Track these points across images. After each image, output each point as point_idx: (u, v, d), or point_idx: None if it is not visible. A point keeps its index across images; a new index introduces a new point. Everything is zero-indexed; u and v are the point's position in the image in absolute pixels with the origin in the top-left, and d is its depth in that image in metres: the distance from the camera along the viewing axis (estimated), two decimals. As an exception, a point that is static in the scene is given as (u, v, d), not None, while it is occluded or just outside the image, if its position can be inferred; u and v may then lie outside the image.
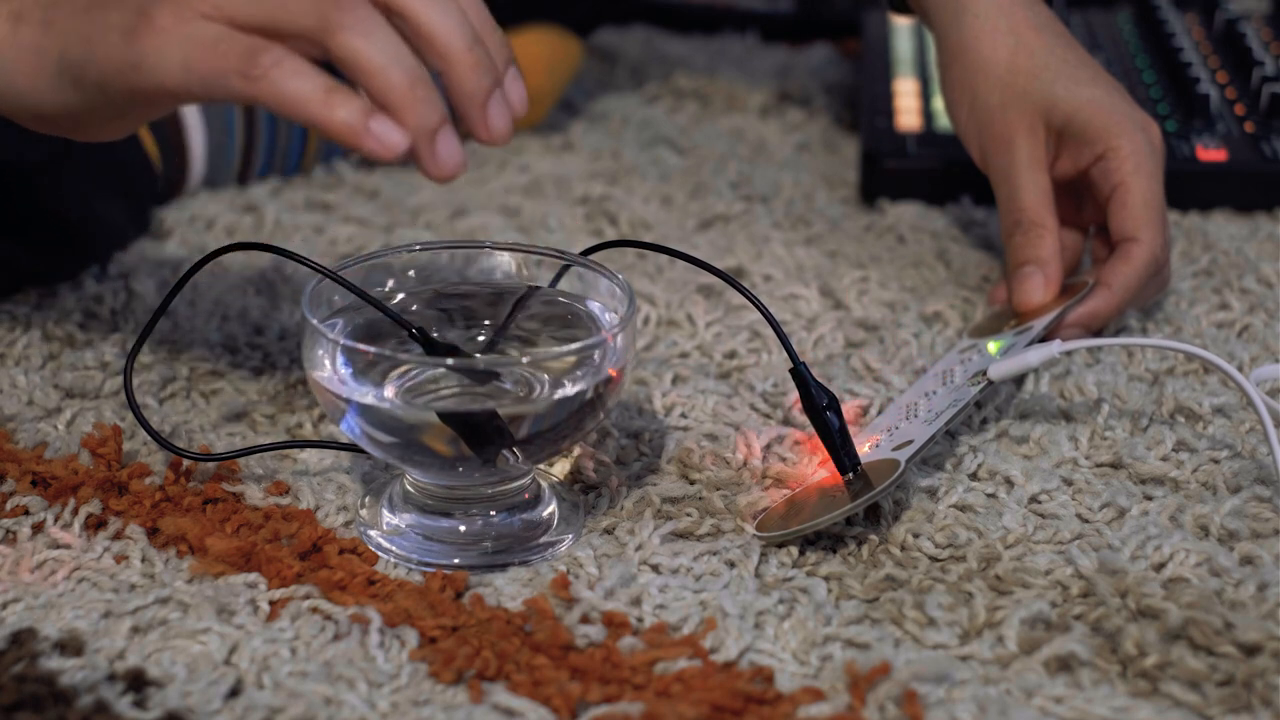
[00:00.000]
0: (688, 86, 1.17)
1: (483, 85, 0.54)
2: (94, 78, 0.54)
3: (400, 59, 0.52)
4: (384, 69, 0.52)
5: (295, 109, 0.52)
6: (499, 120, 0.55)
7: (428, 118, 0.52)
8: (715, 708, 0.53)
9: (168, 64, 0.52)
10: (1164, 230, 0.78)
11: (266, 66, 0.51)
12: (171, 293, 0.65)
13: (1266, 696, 0.53)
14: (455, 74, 0.54)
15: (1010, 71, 0.80)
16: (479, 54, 0.54)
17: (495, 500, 0.61)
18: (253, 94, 0.52)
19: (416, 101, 0.52)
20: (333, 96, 0.52)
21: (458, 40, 0.53)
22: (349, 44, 0.52)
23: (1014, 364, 0.68)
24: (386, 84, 0.52)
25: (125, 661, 0.54)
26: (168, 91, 0.53)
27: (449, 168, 0.53)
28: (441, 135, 0.53)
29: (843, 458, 0.63)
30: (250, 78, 0.52)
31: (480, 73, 0.54)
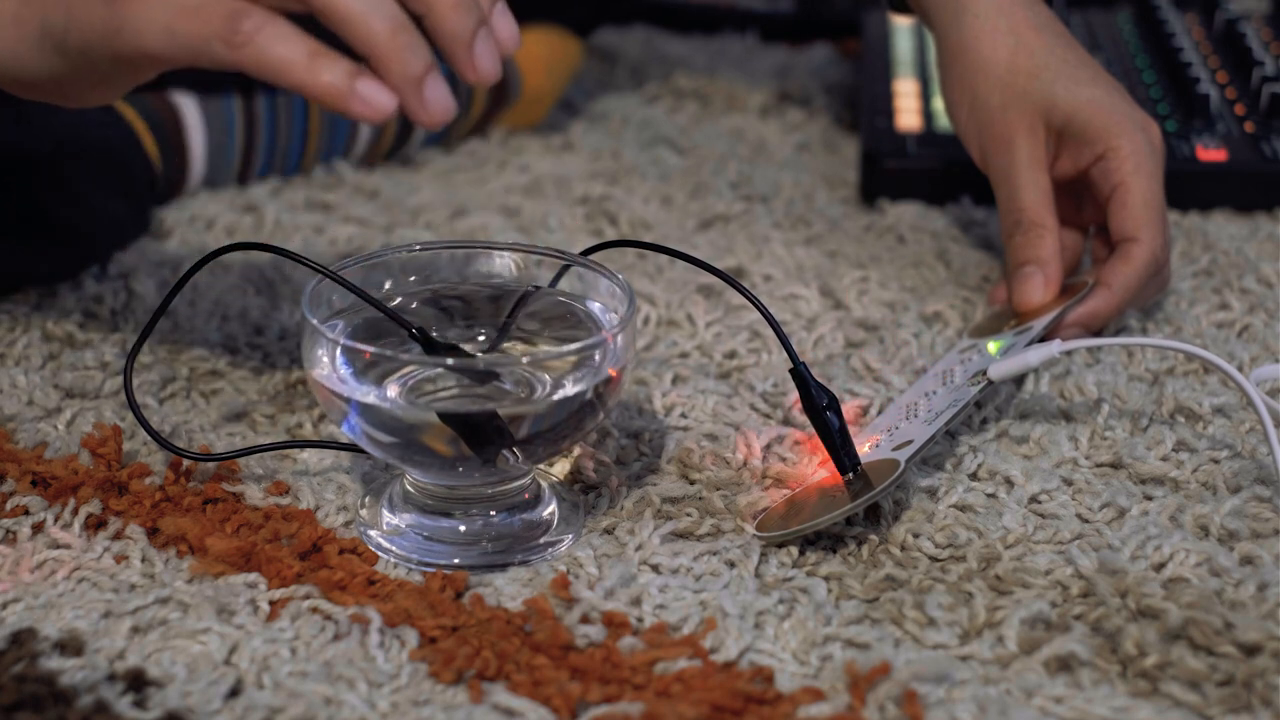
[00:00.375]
0: (688, 86, 1.17)
1: (466, 25, 0.53)
2: (76, 43, 0.54)
3: (380, 6, 0.51)
4: (364, 17, 0.51)
5: (279, 74, 0.51)
6: (486, 60, 0.54)
7: (412, 65, 0.52)
8: (715, 708, 0.53)
9: (150, 28, 0.52)
10: (1164, 230, 0.78)
11: (250, 32, 0.51)
12: (171, 293, 0.65)
13: (1266, 696, 0.53)
14: (435, 16, 0.53)
15: (1010, 71, 0.80)
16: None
17: (495, 500, 0.61)
18: (236, 60, 0.51)
19: (400, 49, 0.51)
20: (317, 61, 0.51)
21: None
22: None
23: (1014, 364, 0.68)
24: (368, 33, 0.51)
25: (125, 661, 0.54)
26: (150, 55, 0.53)
27: (438, 113, 0.52)
28: (429, 82, 0.52)
29: (843, 458, 0.63)
30: (233, 44, 0.51)
31: (461, 12, 0.53)
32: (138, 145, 0.87)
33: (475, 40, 0.53)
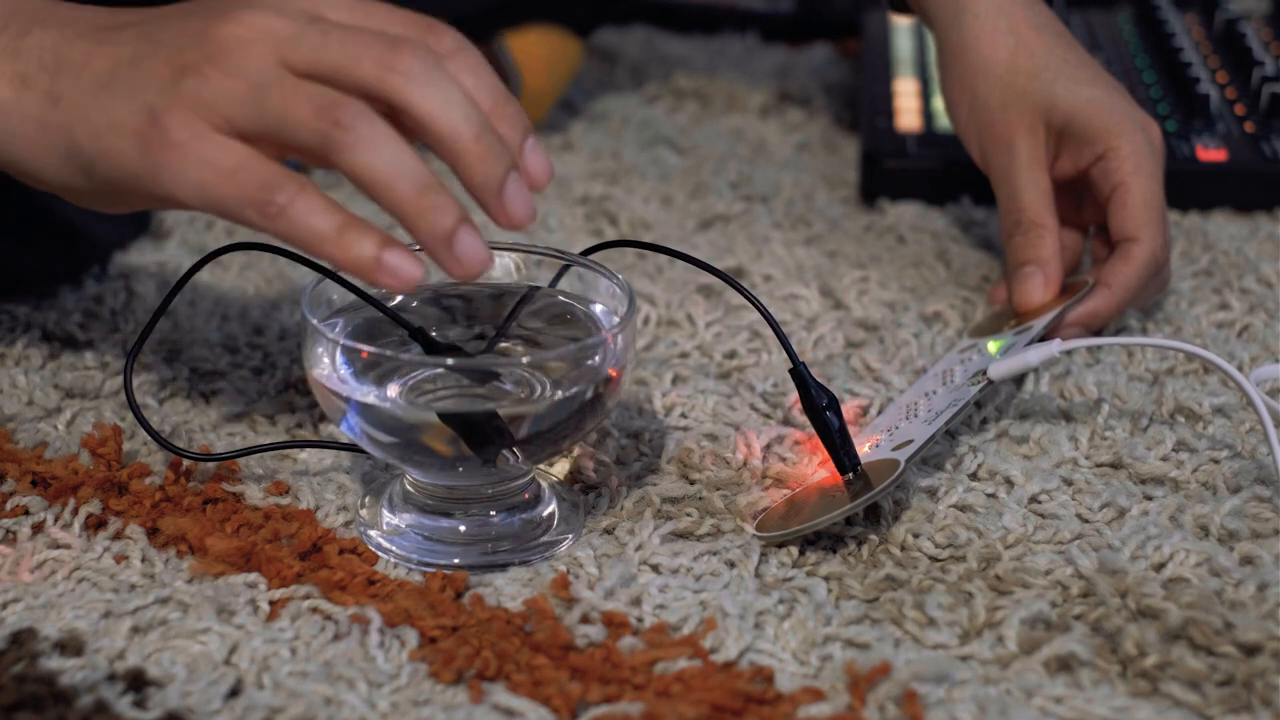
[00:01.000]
0: (688, 86, 1.17)
1: (494, 174, 0.53)
2: (104, 174, 0.54)
3: (405, 168, 0.52)
4: (389, 181, 0.52)
5: (309, 246, 0.52)
6: (517, 206, 0.53)
7: (440, 224, 0.52)
8: (715, 708, 0.53)
9: (184, 183, 0.53)
10: (1164, 230, 0.78)
11: (282, 204, 0.52)
12: (171, 293, 0.65)
13: (1266, 696, 0.53)
14: (464, 167, 0.53)
15: (1010, 71, 0.80)
16: (487, 142, 0.53)
17: (495, 500, 0.61)
18: (268, 228, 0.52)
19: (426, 209, 0.52)
20: (346, 233, 0.52)
21: (464, 132, 0.52)
22: (351, 161, 0.52)
23: (1014, 364, 0.68)
24: (393, 196, 0.52)
25: (125, 661, 0.54)
26: (182, 205, 0.54)
27: (472, 266, 0.53)
28: (459, 236, 0.52)
29: (842, 458, 0.63)
30: (266, 214, 0.52)
31: (490, 162, 0.53)
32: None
33: (505, 186, 0.53)
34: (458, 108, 0.53)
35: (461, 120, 0.53)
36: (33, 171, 0.57)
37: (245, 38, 0.53)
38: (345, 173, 0.52)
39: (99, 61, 0.55)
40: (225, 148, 0.52)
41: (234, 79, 0.53)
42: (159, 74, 0.54)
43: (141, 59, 0.54)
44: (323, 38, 0.53)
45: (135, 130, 0.53)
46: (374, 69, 0.52)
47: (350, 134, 0.51)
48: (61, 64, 0.56)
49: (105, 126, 0.54)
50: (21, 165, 0.57)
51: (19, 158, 0.57)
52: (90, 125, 0.54)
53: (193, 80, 0.53)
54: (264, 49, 0.53)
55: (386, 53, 0.52)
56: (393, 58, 0.52)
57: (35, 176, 0.57)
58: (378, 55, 0.52)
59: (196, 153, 0.52)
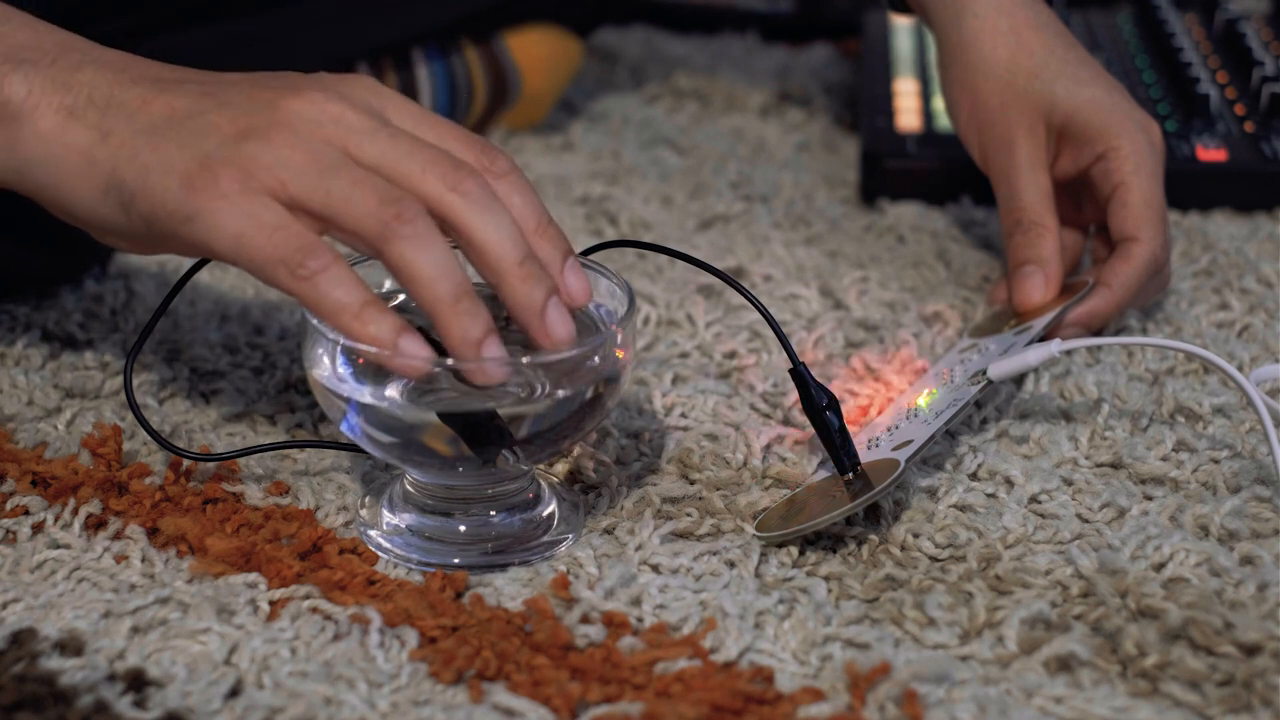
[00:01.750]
0: (688, 86, 1.17)
1: (536, 298, 0.55)
2: (142, 211, 0.55)
3: (449, 272, 0.54)
4: (432, 282, 0.53)
5: (330, 316, 0.54)
6: (559, 328, 0.56)
7: (471, 330, 0.54)
8: (715, 708, 0.53)
9: (221, 233, 0.54)
10: (1164, 230, 0.78)
11: (313, 270, 0.53)
12: (171, 293, 0.65)
13: (1266, 696, 0.53)
14: (507, 288, 0.55)
15: (1011, 71, 0.80)
16: (530, 267, 0.55)
17: (495, 500, 0.61)
18: (294, 290, 0.54)
19: (461, 314, 0.54)
20: (367, 311, 0.54)
21: (509, 255, 0.55)
22: (402, 254, 0.53)
23: (1013, 363, 0.68)
24: (433, 296, 0.53)
25: (125, 661, 0.54)
26: (211, 252, 0.55)
27: (493, 377, 0.55)
28: (486, 345, 0.54)
29: (842, 458, 0.63)
30: (296, 276, 0.53)
31: (532, 285, 0.55)
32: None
33: (547, 309, 0.55)
34: (507, 233, 0.55)
35: (509, 246, 0.55)
36: (67, 202, 0.57)
37: (316, 118, 0.55)
38: (393, 264, 0.54)
39: (155, 108, 0.56)
40: (271, 208, 0.54)
41: (298, 151, 0.54)
42: (220, 129, 0.55)
43: (203, 113, 0.56)
44: (391, 140, 0.55)
45: (184, 173, 0.54)
46: (437, 185, 0.55)
47: (409, 228, 0.53)
48: (113, 104, 0.56)
49: (154, 165, 0.55)
50: (57, 195, 0.57)
51: (57, 187, 0.57)
52: (139, 163, 0.55)
53: (255, 143, 0.54)
54: (333, 133, 0.55)
55: (451, 173, 0.55)
56: (456, 178, 0.55)
57: (68, 208, 0.58)
58: (442, 173, 0.55)
59: (242, 205, 0.53)
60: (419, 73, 0.99)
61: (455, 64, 1.00)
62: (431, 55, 0.99)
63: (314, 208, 0.54)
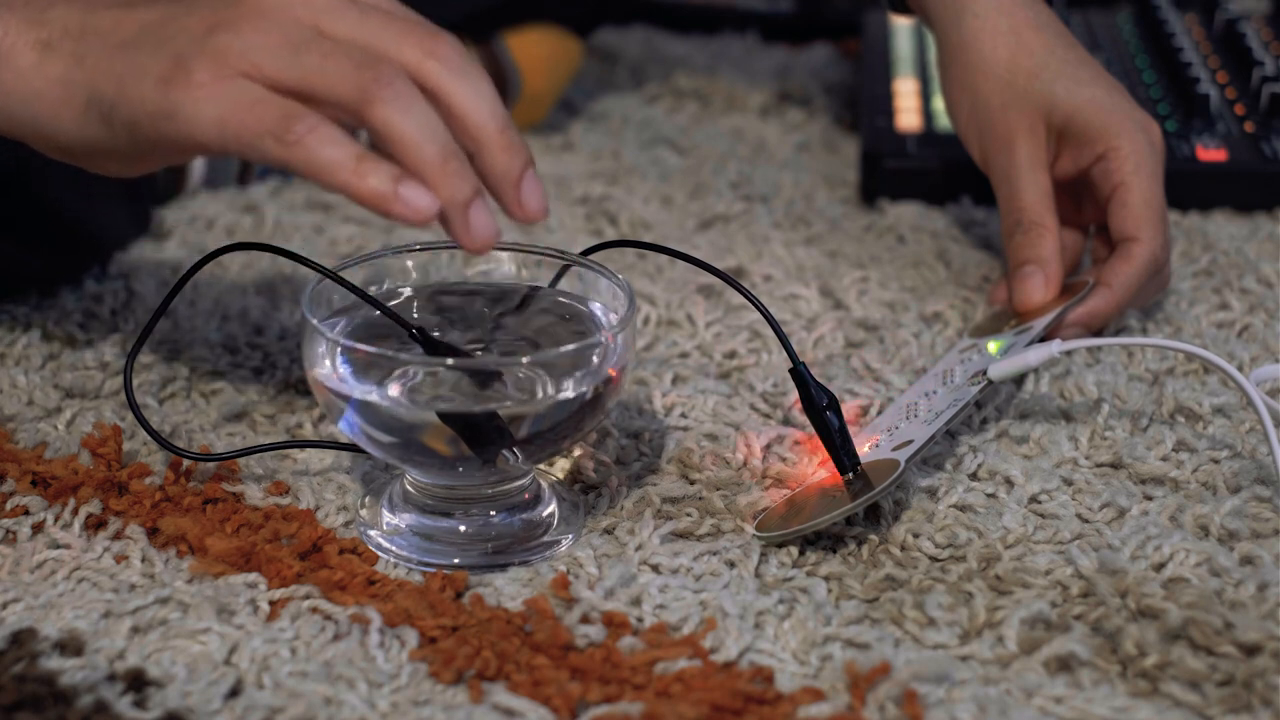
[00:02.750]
0: (688, 86, 1.17)
1: (515, 166, 0.54)
2: (124, 118, 0.55)
3: (434, 133, 0.53)
4: (418, 142, 0.52)
5: (326, 175, 0.53)
6: (533, 199, 0.55)
7: (460, 190, 0.53)
8: (715, 708, 0.53)
9: (202, 119, 0.53)
10: (1164, 230, 0.78)
11: (301, 133, 0.52)
12: (171, 293, 0.65)
13: (1266, 696, 0.53)
14: (488, 154, 0.54)
15: (1011, 71, 0.80)
16: (510, 136, 0.55)
17: (495, 500, 0.61)
18: (285, 158, 0.53)
19: (449, 174, 0.53)
20: (363, 164, 0.52)
21: (491, 122, 0.54)
22: (385, 116, 0.52)
23: (1013, 364, 0.68)
24: (420, 157, 0.53)
25: (125, 661, 0.54)
26: (198, 144, 0.54)
27: (483, 238, 0.54)
28: (474, 207, 0.53)
29: (842, 458, 0.63)
30: (284, 142, 0.52)
31: (513, 154, 0.54)
32: (138, 145, 0.87)
33: (524, 179, 0.55)
34: (487, 101, 0.54)
35: (489, 113, 0.54)
36: (51, 132, 0.57)
37: (283, 3, 0.54)
38: (376, 128, 0.53)
39: (127, 25, 0.56)
40: (248, 87, 0.53)
41: (268, 34, 0.53)
42: (190, 28, 0.54)
43: (173, 19, 0.55)
44: (362, 15, 0.55)
45: (159, 73, 0.54)
46: (415, 52, 0.54)
47: (389, 90, 0.52)
48: (86, 30, 0.56)
49: (129, 73, 0.54)
50: (42, 128, 0.57)
51: (39, 119, 0.57)
52: (114, 74, 0.55)
53: (225, 33, 0.54)
54: (303, 14, 0.54)
55: (427, 39, 0.54)
56: (432, 44, 0.54)
57: (54, 139, 0.57)
58: (418, 40, 0.54)
59: (218, 91, 0.53)
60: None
61: (455, 64, 1.00)
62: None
63: (290, 84, 0.53)
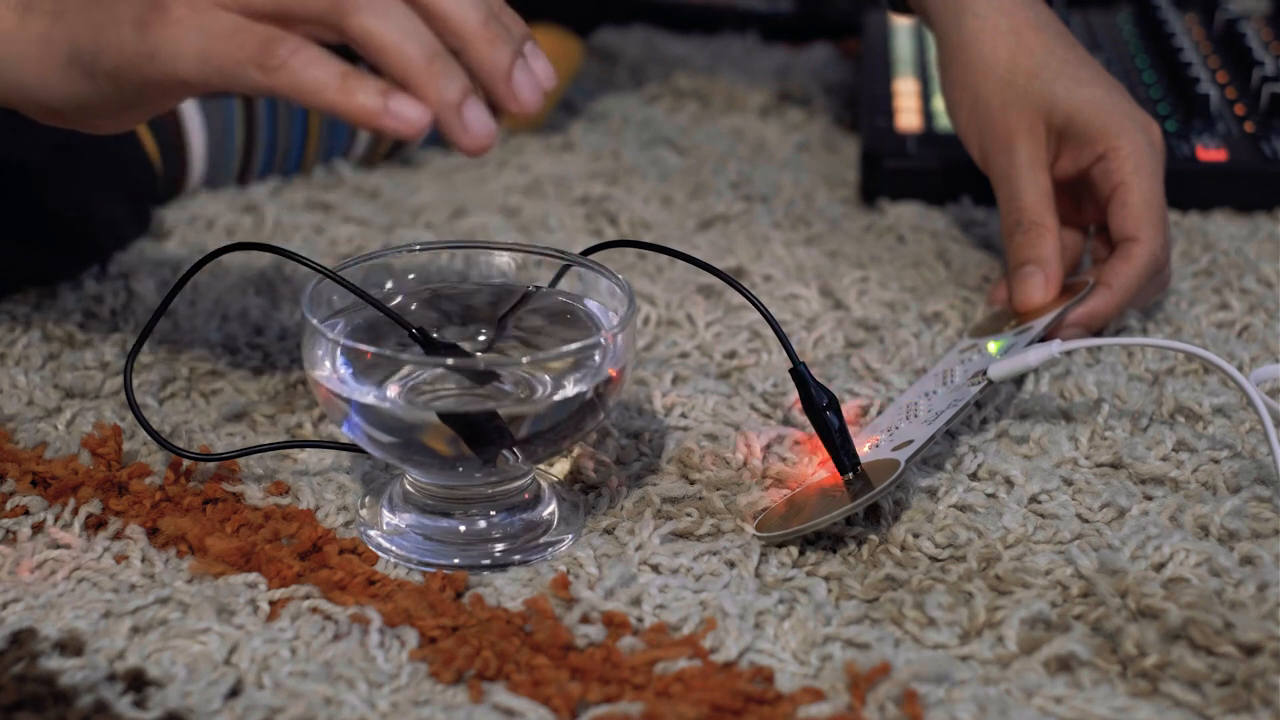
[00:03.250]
0: (688, 86, 1.17)
1: (503, 58, 0.53)
2: (106, 68, 0.54)
3: (416, 34, 0.52)
4: (400, 46, 0.52)
5: (313, 97, 0.52)
6: (526, 90, 0.54)
7: (449, 90, 0.52)
8: (715, 708, 0.53)
9: (183, 54, 0.52)
10: (1164, 230, 0.78)
11: (284, 57, 0.52)
12: (171, 293, 0.65)
13: (1266, 696, 0.53)
14: (473, 50, 0.53)
15: (1011, 71, 0.80)
16: (495, 28, 0.53)
17: (495, 500, 0.61)
18: (270, 84, 0.52)
19: (436, 75, 0.52)
20: (349, 81, 0.52)
21: (472, 16, 0.53)
22: (363, 24, 0.52)
23: (1013, 364, 0.68)
24: (403, 60, 0.52)
25: (125, 661, 0.54)
26: (183, 81, 0.53)
27: (480, 138, 0.53)
28: (468, 106, 0.52)
29: (842, 457, 0.63)
30: (267, 68, 0.52)
31: (499, 46, 0.53)
32: (138, 145, 0.87)
33: (514, 71, 0.54)
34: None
35: (469, 6, 0.53)
36: (39, 94, 0.57)
37: None
38: (354, 37, 0.52)
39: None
40: (224, 18, 0.52)
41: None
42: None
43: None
44: None
45: (135, 17, 0.53)
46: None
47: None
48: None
49: (106, 21, 0.54)
50: (29, 90, 0.57)
51: (27, 83, 0.56)
52: (92, 25, 0.54)
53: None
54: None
55: None
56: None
57: (40, 98, 0.57)
58: None
59: (195, 23, 0.52)
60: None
61: (455, 64, 1.00)
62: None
63: (265, 8, 0.52)
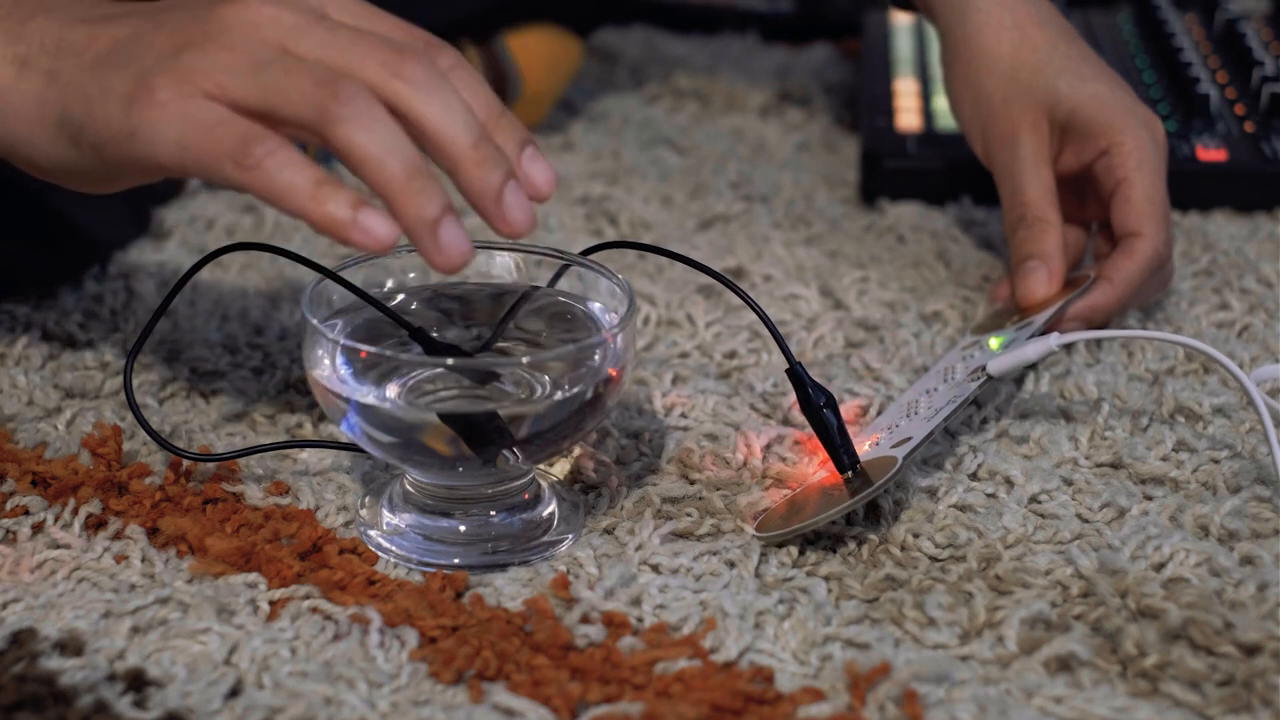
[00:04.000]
0: (688, 86, 1.17)
1: (492, 181, 0.53)
2: (91, 140, 0.54)
3: (398, 150, 0.52)
4: (380, 161, 0.51)
5: (284, 201, 0.52)
6: (516, 213, 0.54)
7: (426, 208, 0.52)
8: (715, 708, 0.53)
9: (163, 139, 0.52)
10: (1167, 226, 0.78)
11: (259, 157, 0.51)
12: (171, 293, 0.65)
13: (1266, 696, 0.53)
14: (462, 173, 0.53)
15: (1014, 66, 0.80)
16: (486, 150, 0.53)
17: (495, 500, 0.61)
18: (244, 182, 0.52)
19: (415, 193, 0.52)
20: (321, 189, 0.51)
21: (462, 138, 0.53)
22: (346, 136, 0.51)
23: (1012, 358, 0.68)
24: (383, 176, 0.51)
25: (125, 661, 0.54)
26: (160, 165, 0.53)
27: (454, 258, 0.52)
28: (443, 225, 0.52)
29: (841, 456, 0.63)
30: (243, 166, 0.51)
31: (488, 169, 0.53)
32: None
33: (504, 193, 0.53)
34: (458, 116, 0.53)
35: (461, 128, 0.53)
36: (26, 151, 0.57)
37: (251, 21, 0.54)
38: (337, 148, 0.52)
39: (100, 42, 0.56)
40: (210, 108, 0.52)
41: (233, 53, 0.53)
42: (157, 47, 0.54)
43: (142, 35, 0.55)
44: (330, 34, 0.54)
45: (125, 93, 0.53)
46: (379, 71, 0.53)
47: (348, 108, 0.51)
48: (62, 46, 0.56)
49: (97, 93, 0.54)
50: (16, 145, 0.57)
51: (15, 137, 0.57)
52: (84, 94, 0.54)
53: (191, 53, 0.53)
54: (269, 34, 0.53)
55: (392, 57, 0.53)
56: (398, 63, 0.53)
57: (29, 157, 0.57)
58: (383, 59, 0.53)
59: (179, 110, 0.52)
60: (419, 73, 0.98)
61: (455, 64, 1.00)
62: (431, 55, 0.99)
63: (252, 104, 0.52)
